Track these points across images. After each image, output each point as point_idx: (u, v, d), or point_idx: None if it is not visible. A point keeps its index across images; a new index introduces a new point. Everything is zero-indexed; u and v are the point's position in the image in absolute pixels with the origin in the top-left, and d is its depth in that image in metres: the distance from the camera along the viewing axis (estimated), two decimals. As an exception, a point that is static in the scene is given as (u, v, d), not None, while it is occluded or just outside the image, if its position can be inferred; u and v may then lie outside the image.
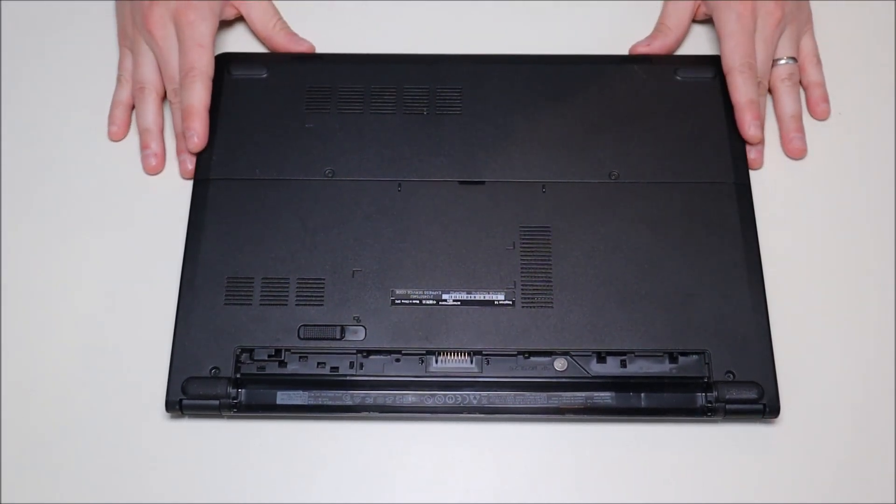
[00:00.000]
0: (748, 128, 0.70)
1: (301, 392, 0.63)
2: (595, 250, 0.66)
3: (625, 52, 0.75)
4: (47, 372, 0.65)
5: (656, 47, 0.74)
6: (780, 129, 0.73)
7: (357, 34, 0.77)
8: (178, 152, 0.71)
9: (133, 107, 0.73)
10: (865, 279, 0.68)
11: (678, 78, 0.72)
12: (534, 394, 0.63)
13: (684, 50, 0.75)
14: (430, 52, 0.74)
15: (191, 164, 0.70)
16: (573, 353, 0.63)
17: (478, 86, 0.72)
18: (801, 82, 0.75)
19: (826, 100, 0.74)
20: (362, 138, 0.70)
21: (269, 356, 0.63)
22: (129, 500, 0.61)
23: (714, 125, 0.70)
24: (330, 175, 0.68)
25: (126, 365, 0.65)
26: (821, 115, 0.74)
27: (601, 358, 0.63)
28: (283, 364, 0.63)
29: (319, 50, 0.75)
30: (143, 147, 0.71)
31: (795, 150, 0.72)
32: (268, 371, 0.63)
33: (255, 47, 0.75)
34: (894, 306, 0.67)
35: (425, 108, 0.71)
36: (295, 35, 0.75)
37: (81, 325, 0.66)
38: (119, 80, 0.74)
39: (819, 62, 0.75)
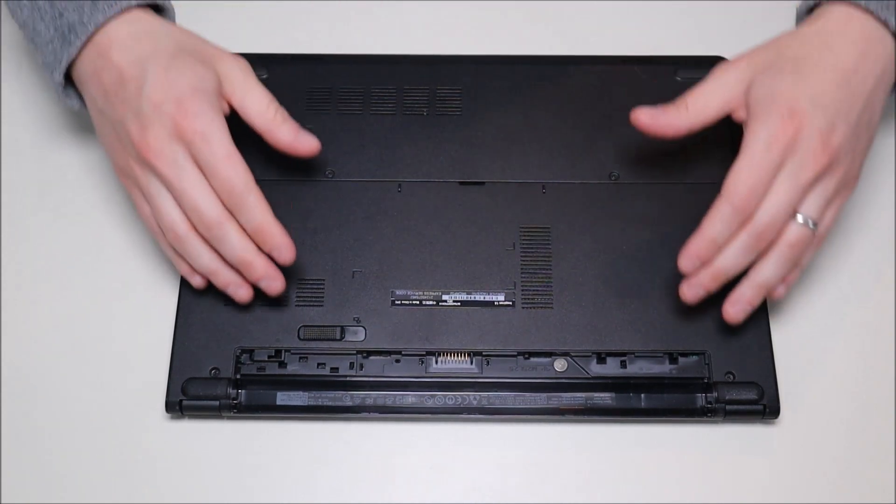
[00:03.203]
0: (683, 259, 0.59)
1: (301, 393, 0.63)
2: (595, 250, 0.66)
3: (625, 52, 0.75)
4: (47, 372, 0.65)
5: (661, 124, 0.61)
6: (739, 286, 0.60)
7: (357, 34, 0.77)
8: (255, 279, 0.61)
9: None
10: (865, 279, 0.68)
11: (678, 78, 0.72)
12: (534, 394, 0.63)
13: (685, 49, 0.75)
14: (430, 53, 0.74)
15: (250, 292, 0.62)
16: (573, 354, 0.63)
17: (478, 86, 0.71)
18: None
19: (790, 286, 0.61)
20: (362, 139, 0.70)
21: (269, 357, 0.63)
22: (129, 500, 0.61)
23: (714, 125, 0.70)
24: (330, 176, 0.68)
25: (126, 365, 0.65)
26: (779, 296, 0.61)
27: (601, 359, 0.63)
28: (283, 365, 0.63)
29: (319, 50, 0.75)
30: (224, 287, 0.62)
31: (731, 315, 0.60)
32: (268, 372, 0.63)
33: (255, 47, 0.75)
34: (894, 306, 0.67)
35: (425, 109, 0.71)
36: (300, 128, 0.63)
37: (81, 325, 0.66)
38: (152, 230, 0.63)
39: (822, 241, 0.61)
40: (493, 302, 0.65)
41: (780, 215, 0.57)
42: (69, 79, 0.63)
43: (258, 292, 0.62)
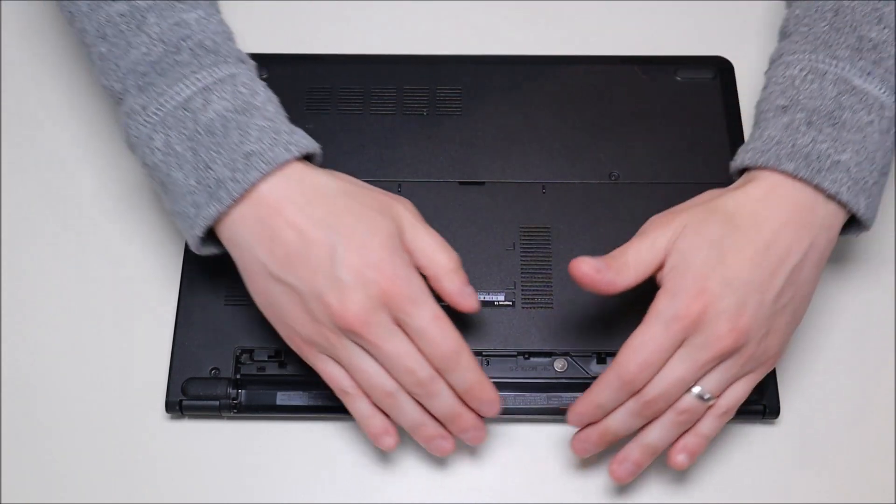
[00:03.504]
0: (571, 415, 0.58)
1: (301, 392, 0.63)
2: (595, 250, 0.66)
3: (625, 52, 0.75)
4: (47, 372, 0.65)
5: (604, 281, 0.57)
6: (627, 445, 0.58)
7: (357, 34, 0.77)
8: (459, 431, 0.59)
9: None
10: (865, 279, 0.68)
11: (678, 78, 0.72)
12: (534, 394, 0.63)
13: (685, 49, 0.75)
14: (430, 53, 0.74)
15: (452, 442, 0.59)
16: (573, 354, 0.63)
17: (478, 87, 0.71)
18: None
19: (694, 456, 0.58)
20: (362, 139, 0.70)
21: (269, 357, 0.63)
22: (129, 500, 0.62)
23: (714, 125, 0.70)
24: (330, 175, 0.68)
25: (126, 365, 0.65)
26: (677, 465, 0.58)
27: (601, 359, 0.63)
28: (282, 364, 0.63)
29: (319, 50, 0.75)
30: (428, 441, 0.59)
31: (617, 474, 0.58)
32: (268, 371, 0.63)
33: (255, 47, 0.75)
34: (894, 306, 0.67)
35: (425, 109, 0.71)
36: (465, 282, 0.59)
37: (82, 325, 0.66)
38: (344, 394, 0.58)
39: (729, 417, 0.58)
40: (493, 302, 0.65)
41: (671, 391, 0.56)
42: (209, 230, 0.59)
43: None
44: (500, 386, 0.63)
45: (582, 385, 0.62)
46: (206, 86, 0.58)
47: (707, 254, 0.56)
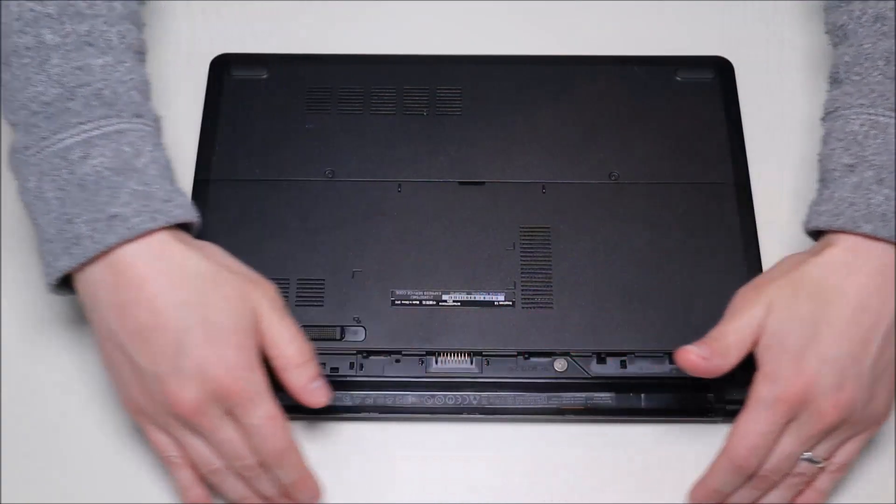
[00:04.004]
0: (692, 498, 0.60)
1: (301, 393, 0.63)
2: (595, 250, 0.66)
3: (625, 52, 0.75)
4: (48, 371, 0.65)
5: (711, 367, 0.58)
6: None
7: (357, 34, 0.77)
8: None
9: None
10: (865, 279, 0.68)
11: (678, 78, 0.72)
12: (534, 394, 0.63)
13: (685, 49, 0.75)
14: (430, 53, 0.74)
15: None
16: (573, 354, 0.63)
17: (478, 87, 0.71)
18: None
19: None
20: (362, 139, 0.70)
21: (270, 357, 0.63)
22: (129, 499, 0.61)
23: (714, 125, 0.70)
24: (330, 175, 0.68)
25: (126, 365, 0.65)
26: None
27: (601, 358, 0.63)
28: (283, 364, 0.63)
29: (319, 50, 0.75)
30: None
31: None
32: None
33: (255, 47, 0.75)
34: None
35: (425, 109, 0.71)
36: (315, 379, 0.59)
37: (82, 324, 0.66)
38: (169, 462, 0.59)
39: (844, 472, 0.60)
40: (493, 302, 0.65)
41: (783, 466, 0.58)
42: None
43: None
44: (500, 386, 0.63)
45: (582, 385, 0.63)
46: (88, 138, 0.57)
47: (800, 332, 0.57)
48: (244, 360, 0.56)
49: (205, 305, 0.56)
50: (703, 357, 0.58)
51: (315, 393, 0.59)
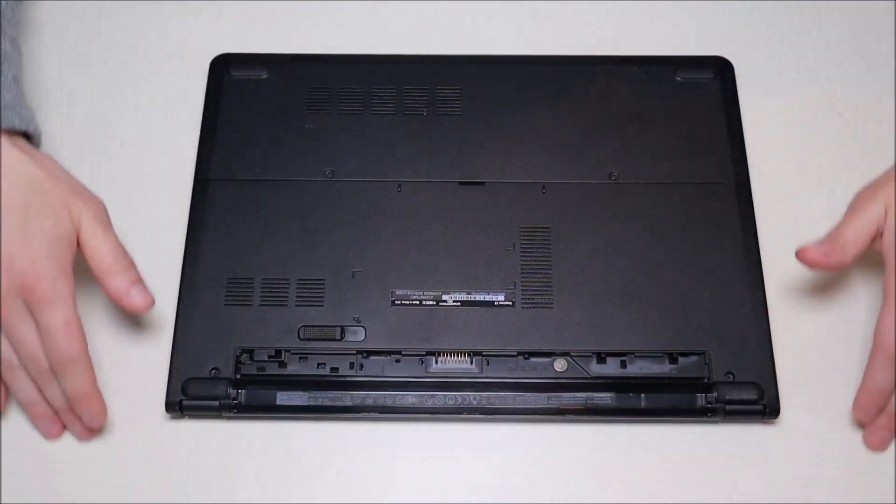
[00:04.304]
0: (857, 412, 0.62)
1: (301, 393, 0.63)
2: (595, 250, 0.66)
3: (625, 52, 0.75)
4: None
5: (832, 262, 0.62)
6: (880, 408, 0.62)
7: (357, 34, 0.77)
8: (69, 423, 0.62)
9: None
10: (865, 279, 0.68)
11: (678, 78, 0.72)
12: (534, 394, 0.63)
13: (685, 49, 0.75)
14: (430, 53, 0.74)
15: (77, 429, 0.62)
16: (573, 354, 0.63)
17: (477, 86, 0.72)
18: None
19: None
20: (362, 139, 0.70)
21: (269, 357, 0.63)
22: (130, 500, 0.61)
23: (714, 125, 0.70)
24: (330, 175, 0.68)
25: (126, 365, 0.65)
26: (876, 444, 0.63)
27: (601, 359, 0.63)
28: (282, 365, 0.63)
29: (319, 50, 0.75)
30: (37, 419, 0.62)
31: (875, 442, 0.63)
32: (268, 372, 0.63)
33: (255, 47, 0.75)
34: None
35: (425, 109, 0.71)
36: (136, 282, 0.62)
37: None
38: None
39: None
40: (493, 302, 0.65)
41: None
42: None
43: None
44: (500, 386, 0.63)
45: (582, 385, 0.63)
46: None
47: None
48: (53, 264, 0.59)
49: (25, 207, 0.59)
50: (823, 253, 0.62)
51: (135, 297, 0.61)
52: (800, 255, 0.63)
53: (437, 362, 0.63)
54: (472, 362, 0.63)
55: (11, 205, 0.59)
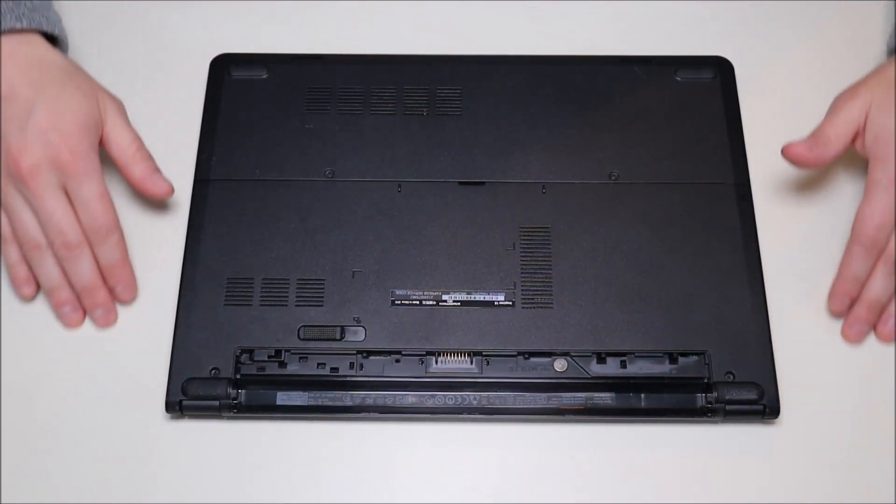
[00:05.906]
0: (832, 301, 0.65)
1: (301, 393, 0.63)
2: (595, 250, 0.66)
3: (625, 52, 0.75)
4: (47, 372, 0.65)
5: (814, 156, 0.65)
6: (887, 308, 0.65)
7: (357, 34, 0.77)
8: (92, 306, 0.65)
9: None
10: (865, 279, 0.68)
11: (678, 78, 0.72)
12: (534, 394, 0.63)
13: (685, 49, 0.75)
14: (430, 53, 0.74)
15: (109, 317, 0.65)
16: (573, 354, 0.63)
17: (478, 87, 0.72)
18: None
19: None
20: (362, 139, 0.70)
21: (269, 357, 0.63)
22: (129, 500, 0.61)
23: (714, 125, 0.70)
24: (330, 175, 0.68)
25: (126, 365, 0.65)
26: (885, 335, 0.65)
27: (601, 358, 0.63)
28: (282, 365, 0.63)
29: (319, 50, 0.75)
30: (59, 305, 0.65)
31: (852, 334, 0.65)
32: (268, 372, 0.63)
33: (255, 47, 0.75)
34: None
35: (425, 109, 0.71)
36: (155, 170, 0.66)
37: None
38: (2, 238, 0.65)
39: None
40: (493, 302, 0.65)
41: None
42: None
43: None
44: (500, 386, 0.63)
45: (582, 385, 0.63)
46: None
47: None
48: (84, 141, 0.63)
49: (59, 88, 0.64)
50: (807, 147, 0.64)
51: (157, 181, 0.66)
52: (785, 150, 0.65)
53: (437, 362, 0.63)
54: (472, 362, 0.63)
55: (44, 88, 0.63)
